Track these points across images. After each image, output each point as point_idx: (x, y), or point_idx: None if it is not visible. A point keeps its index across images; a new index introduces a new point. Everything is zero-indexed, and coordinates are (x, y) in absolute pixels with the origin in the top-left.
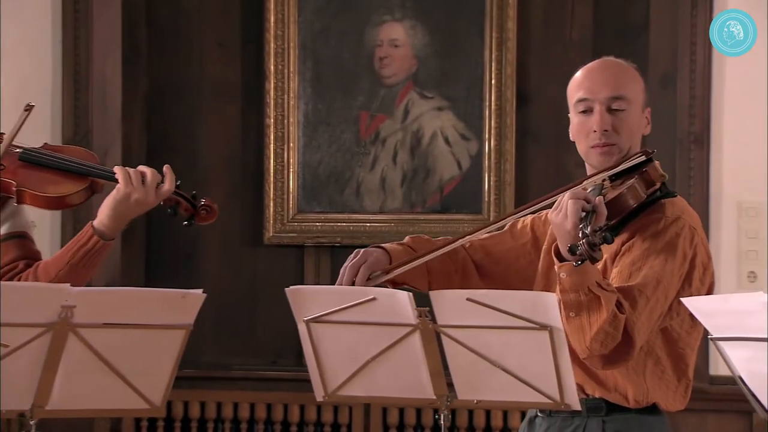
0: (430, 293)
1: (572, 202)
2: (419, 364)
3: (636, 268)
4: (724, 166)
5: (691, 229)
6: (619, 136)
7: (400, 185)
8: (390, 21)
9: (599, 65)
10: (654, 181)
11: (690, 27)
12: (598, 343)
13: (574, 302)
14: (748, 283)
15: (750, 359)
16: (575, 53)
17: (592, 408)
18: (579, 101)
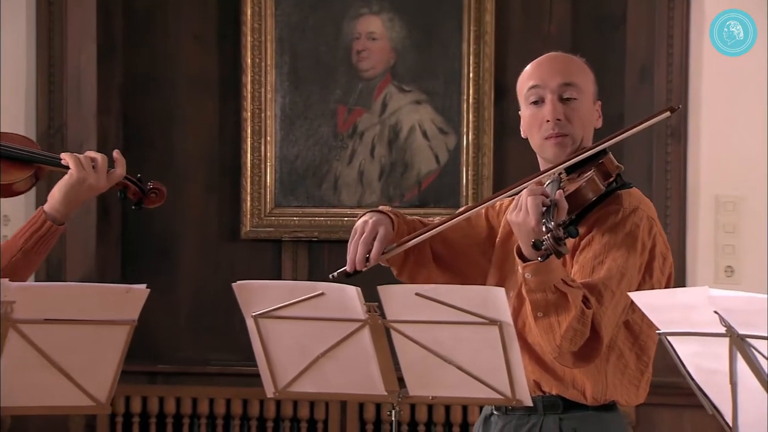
0: (378, 288)
1: (531, 198)
2: (369, 360)
3: (598, 261)
4: (702, 159)
5: (650, 220)
6: (572, 125)
7: (378, 179)
8: (367, 14)
9: (549, 56)
10: (610, 172)
11: (667, 20)
12: (567, 341)
13: (541, 302)
14: (725, 277)
15: (697, 354)
16: (553, 47)
17: (548, 405)
18: (530, 90)
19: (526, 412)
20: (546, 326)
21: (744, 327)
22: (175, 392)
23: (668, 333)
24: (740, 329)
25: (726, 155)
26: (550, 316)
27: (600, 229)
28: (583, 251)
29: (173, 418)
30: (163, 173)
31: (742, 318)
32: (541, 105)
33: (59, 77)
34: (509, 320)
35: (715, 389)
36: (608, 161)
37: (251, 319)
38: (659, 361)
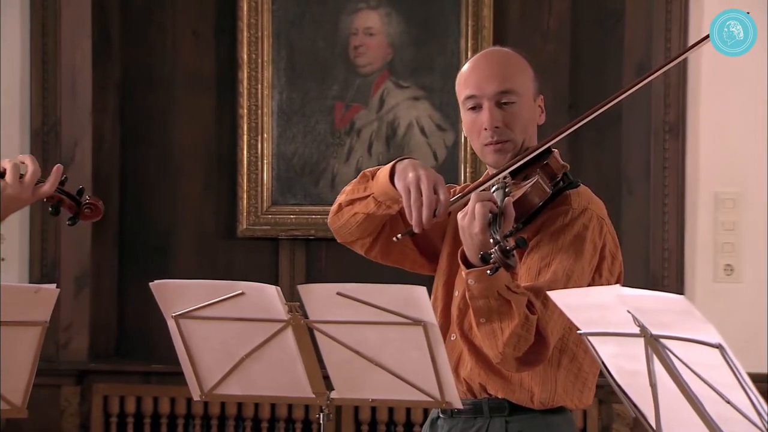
0: (299, 287)
1: (479, 205)
2: (294, 361)
3: (545, 264)
4: (700, 156)
5: (599, 219)
6: (512, 131)
7: None
8: (365, 9)
9: (485, 59)
10: (556, 172)
11: (665, 14)
12: (511, 348)
13: (484, 308)
14: (724, 276)
15: (617, 355)
16: (553, 42)
17: (494, 408)
18: (467, 98)
19: (472, 414)
20: (489, 332)
21: (657, 327)
22: (170, 392)
23: (588, 333)
24: (653, 329)
25: (725, 152)
26: (493, 322)
27: (548, 231)
28: (530, 253)
29: (168, 419)
30: (160, 170)
31: (654, 318)
32: (479, 111)
33: (53, 74)
34: (433, 320)
35: (637, 391)
36: (553, 161)
37: (172, 319)
38: None
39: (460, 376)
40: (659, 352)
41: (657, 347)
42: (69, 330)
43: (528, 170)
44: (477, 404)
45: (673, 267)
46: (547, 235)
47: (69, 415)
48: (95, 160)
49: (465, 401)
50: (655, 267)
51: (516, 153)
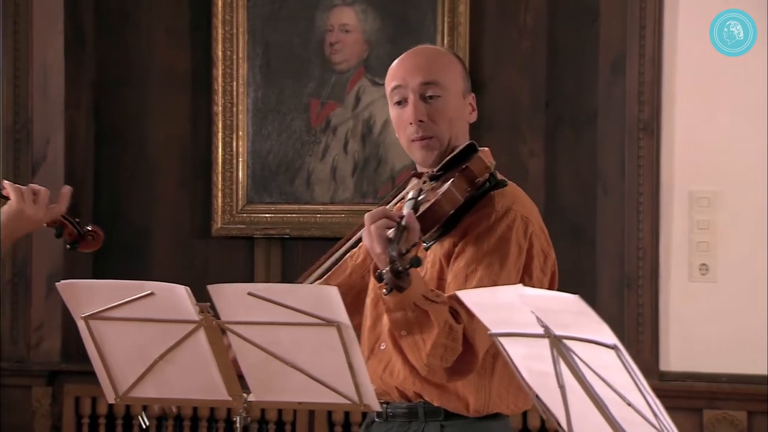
0: (209, 288)
1: (374, 226)
2: (208, 364)
3: (471, 270)
4: (675, 155)
5: (524, 219)
6: (437, 125)
7: (351, 175)
8: (340, 5)
9: (412, 52)
10: (477, 176)
11: (639, 11)
12: (436, 358)
13: (402, 321)
14: (699, 275)
15: (526, 356)
16: (530, 39)
17: (429, 412)
18: (393, 91)
19: (407, 418)
20: (411, 344)
21: (559, 327)
22: None
23: (498, 334)
24: (556, 330)
25: (700, 150)
26: (414, 334)
27: (472, 235)
28: (456, 259)
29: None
30: (135, 169)
31: (556, 318)
32: (405, 105)
33: (25, 71)
34: (347, 321)
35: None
36: (476, 163)
37: (81, 320)
38: None
39: (390, 383)
40: (563, 353)
41: (561, 348)
42: (40, 330)
43: (450, 173)
44: (412, 408)
45: (647, 266)
46: (472, 239)
47: (40, 416)
48: (68, 158)
49: (400, 405)
50: (630, 266)
51: (443, 150)
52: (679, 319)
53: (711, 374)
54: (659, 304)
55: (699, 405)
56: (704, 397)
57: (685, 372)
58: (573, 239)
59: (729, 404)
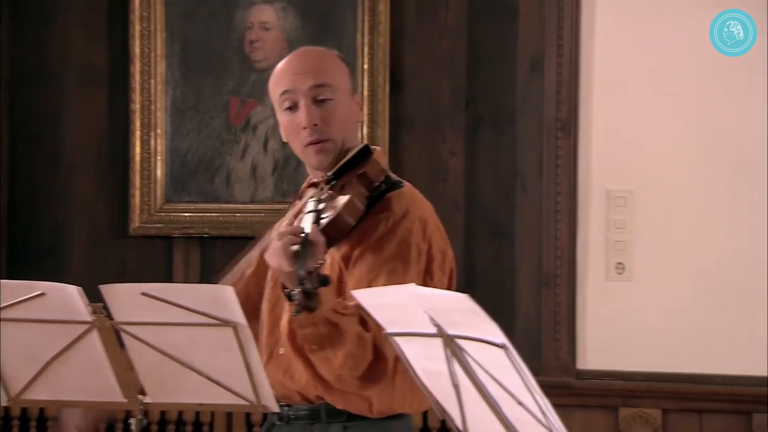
0: (101, 288)
1: (280, 244)
2: (103, 365)
3: (373, 276)
4: (593, 154)
5: (422, 221)
6: (330, 128)
7: (271, 174)
8: (260, 3)
9: (297, 55)
10: (374, 180)
11: (557, 11)
12: (348, 369)
13: (313, 336)
14: (615, 274)
15: (420, 356)
16: (450, 38)
17: (332, 413)
18: (282, 96)
19: (310, 420)
20: (322, 358)
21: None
22: None
23: (393, 333)
24: (449, 329)
25: (617, 149)
26: (325, 348)
27: (371, 239)
28: (356, 264)
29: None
30: (51, 167)
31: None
32: (296, 110)
33: None
34: (243, 321)
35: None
36: (371, 167)
37: None
38: (550, 360)
39: (291, 387)
40: (456, 352)
41: (453, 347)
42: None
43: (346, 178)
44: (315, 410)
45: (565, 265)
46: (371, 243)
47: None
48: None
49: (301, 407)
50: (548, 265)
51: (337, 153)
52: (595, 317)
53: (627, 372)
54: (576, 303)
55: (615, 403)
56: (620, 395)
57: (601, 370)
58: (493, 238)
59: (644, 402)
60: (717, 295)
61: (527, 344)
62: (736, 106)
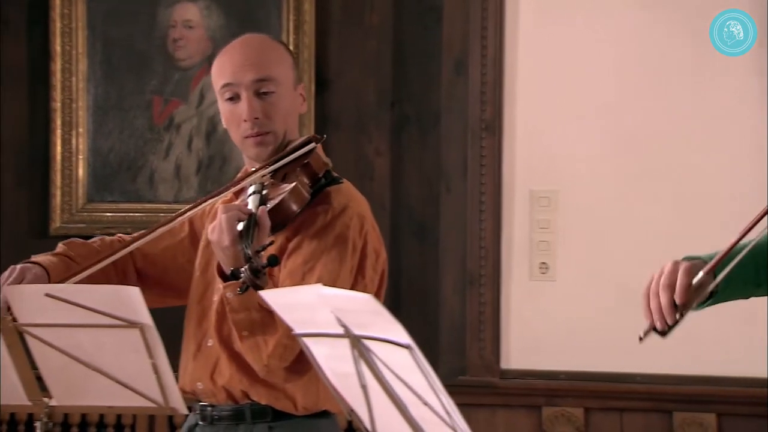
0: (4, 288)
1: (225, 217)
2: (7, 367)
3: (309, 268)
4: (517, 154)
5: (360, 217)
6: (272, 121)
7: (195, 173)
8: (183, 1)
9: (241, 45)
10: (317, 172)
11: (481, 12)
12: (276, 359)
13: (246, 321)
14: (539, 274)
15: (329, 356)
16: (375, 39)
17: (257, 413)
18: (224, 87)
19: (234, 421)
20: (252, 345)
21: (358, 327)
22: None
23: (302, 334)
24: (356, 330)
25: (541, 150)
26: (256, 335)
27: (308, 232)
28: (291, 256)
29: None
30: None
31: (355, 318)
32: (237, 101)
33: None
34: (150, 322)
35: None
36: (315, 160)
37: None
38: (474, 359)
39: (218, 383)
40: (363, 353)
41: (360, 348)
42: None
43: (288, 168)
44: (239, 410)
45: (489, 265)
46: (308, 235)
47: None
48: None
49: (225, 407)
50: (472, 265)
51: (278, 145)
52: (519, 317)
53: (550, 372)
54: (501, 303)
55: (538, 402)
56: (543, 394)
57: (525, 370)
58: (418, 238)
59: (567, 401)
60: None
61: (452, 344)
62: (657, 107)
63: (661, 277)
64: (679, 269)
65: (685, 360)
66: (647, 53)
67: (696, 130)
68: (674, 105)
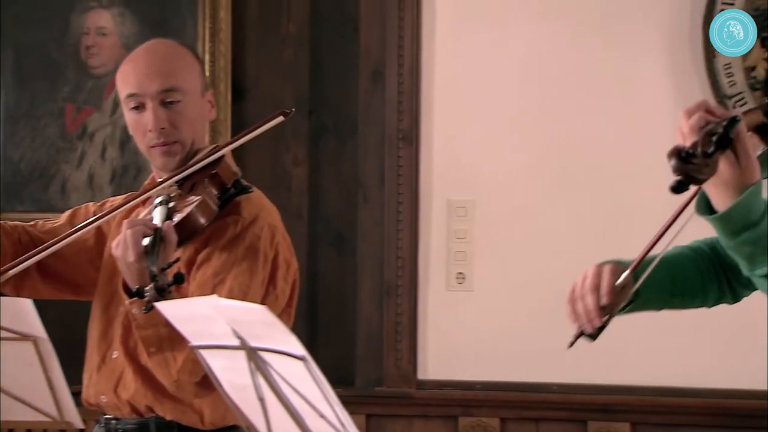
0: None
1: (130, 232)
2: None
3: (219, 280)
4: (434, 164)
5: (271, 228)
6: (179, 131)
7: (109, 182)
8: (97, 8)
9: (145, 53)
10: (226, 182)
11: (398, 21)
12: (186, 374)
13: (153, 337)
14: (456, 284)
15: (226, 369)
16: (293, 46)
17: (162, 427)
18: (128, 97)
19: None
20: (160, 361)
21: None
22: None
23: (198, 346)
24: (252, 341)
25: (458, 159)
26: (165, 351)
27: (218, 243)
28: (201, 268)
29: None
30: None
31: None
32: (143, 111)
33: None
34: (43, 335)
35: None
36: (224, 169)
37: None
38: (391, 370)
39: (122, 397)
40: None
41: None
42: None
43: (196, 178)
44: (144, 424)
45: (406, 275)
46: (218, 247)
47: None
48: None
49: (129, 421)
50: (389, 275)
51: (186, 153)
52: (436, 327)
53: (466, 382)
54: (418, 313)
55: (454, 413)
56: (459, 404)
57: (441, 380)
58: (335, 247)
59: (483, 411)
60: (554, 305)
61: (369, 354)
62: (573, 115)
63: (585, 281)
64: (603, 271)
65: (599, 369)
66: (563, 62)
67: (611, 137)
68: (589, 113)
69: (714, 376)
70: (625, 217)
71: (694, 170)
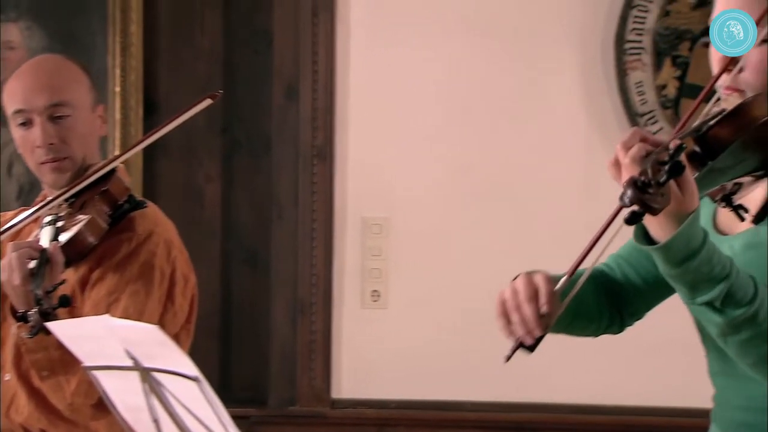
0: None
1: (16, 255)
2: None
3: (113, 299)
4: (348, 181)
5: (167, 243)
6: (69, 146)
7: (15, 199)
8: (4, 22)
9: (33, 69)
10: (118, 198)
11: (312, 36)
12: (81, 397)
13: (44, 361)
14: (371, 302)
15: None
16: (206, 60)
17: None
18: (16, 114)
19: None
20: (54, 385)
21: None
22: None
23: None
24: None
25: (372, 176)
26: (58, 374)
27: (112, 261)
28: (95, 287)
29: None
30: None
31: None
32: (30, 127)
33: None
34: None
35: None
36: (115, 185)
37: None
38: (305, 389)
39: (15, 420)
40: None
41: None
42: None
43: (86, 195)
44: None
45: (320, 293)
46: (112, 265)
47: None
48: None
49: None
50: (303, 293)
51: (77, 169)
52: (351, 345)
53: (381, 401)
54: (332, 331)
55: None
56: (374, 423)
57: (356, 399)
58: (249, 265)
59: (398, 430)
60: (469, 323)
61: (282, 373)
62: (489, 132)
63: (517, 293)
64: (536, 279)
65: (513, 387)
66: (477, 78)
67: (525, 154)
68: (503, 130)
69: (627, 393)
70: (538, 233)
71: (650, 200)
